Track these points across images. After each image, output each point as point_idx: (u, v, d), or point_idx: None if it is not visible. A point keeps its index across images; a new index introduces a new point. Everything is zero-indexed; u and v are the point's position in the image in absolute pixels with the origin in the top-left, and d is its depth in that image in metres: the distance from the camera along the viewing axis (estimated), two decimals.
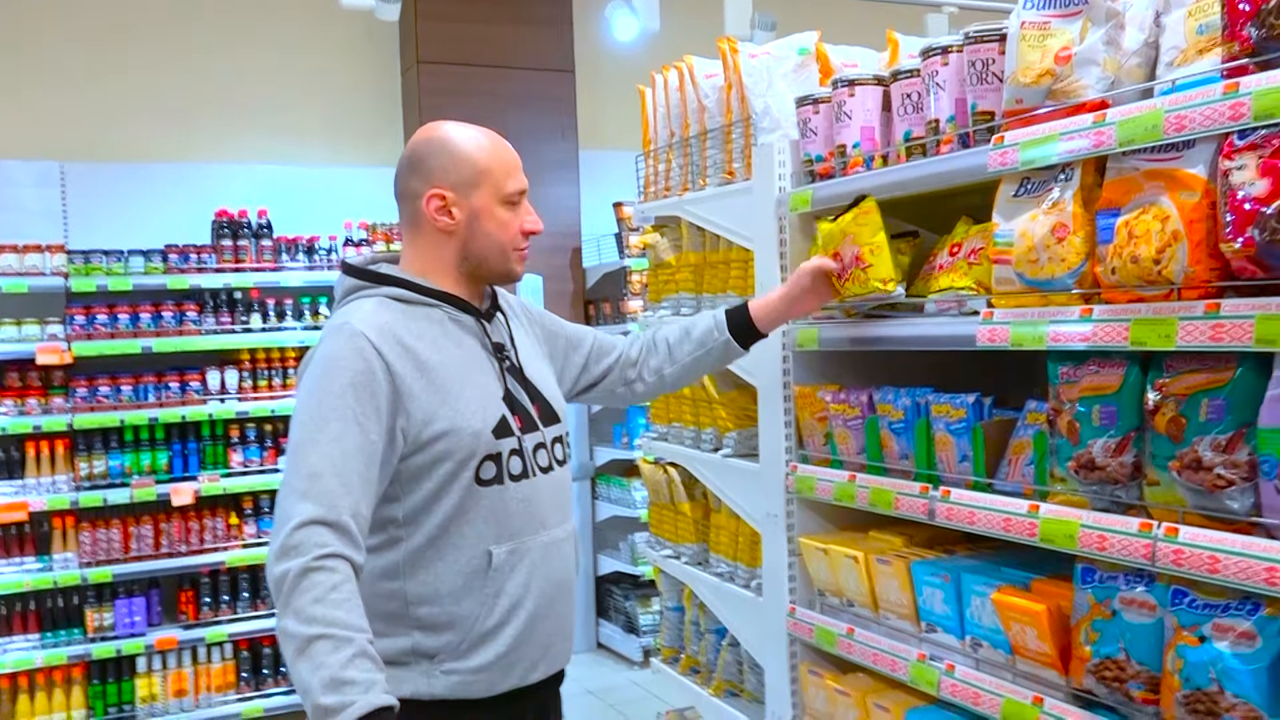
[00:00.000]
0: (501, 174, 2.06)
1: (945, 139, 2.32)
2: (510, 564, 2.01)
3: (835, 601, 2.68)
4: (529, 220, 2.12)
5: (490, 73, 6.30)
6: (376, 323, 1.94)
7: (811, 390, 2.73)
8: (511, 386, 2.07)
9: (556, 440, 2.15)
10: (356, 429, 1.85)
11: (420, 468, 1.95)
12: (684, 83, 3.25)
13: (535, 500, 2.05)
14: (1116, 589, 1.93)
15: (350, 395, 1.86)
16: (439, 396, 1.95)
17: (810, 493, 2.69)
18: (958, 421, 2.31)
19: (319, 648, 1.68)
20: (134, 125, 5.82)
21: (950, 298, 2.30)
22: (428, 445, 1.94)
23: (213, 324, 5.44)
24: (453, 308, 2.06)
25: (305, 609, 1.70)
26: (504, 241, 2.08)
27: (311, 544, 1.74)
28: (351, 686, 1.66)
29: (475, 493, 1.98)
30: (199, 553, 5.36)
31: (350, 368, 1.88)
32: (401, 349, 1.93)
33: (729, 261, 3.11)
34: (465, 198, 2.04)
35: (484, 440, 1.98)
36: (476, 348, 2.06)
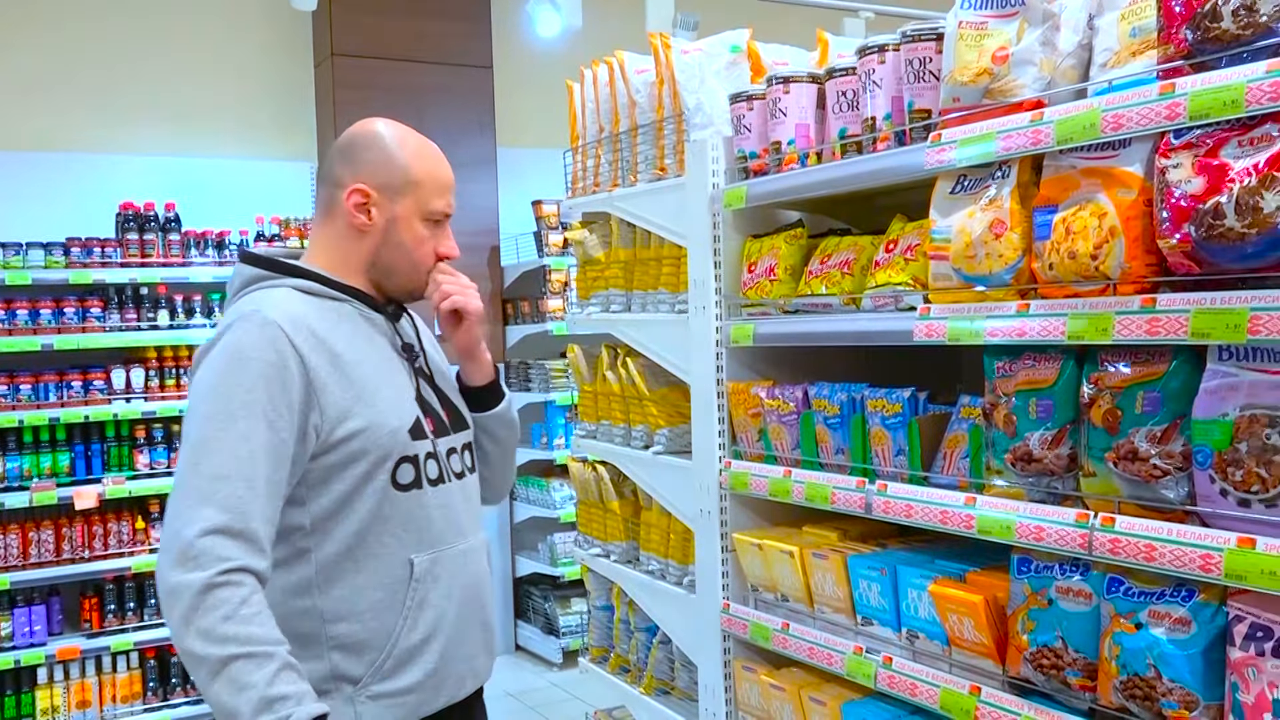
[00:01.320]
0: (431, 190, 1.97)
1: (882, 136, 2.35)
2: (433, 574, 1.90)
3: (770, 597, 2.69)
4: (446, 244, 2.00)
5: (407, 67, 6.20)
6: (289, 312, 1.83)
7: (745, 386, 2.74)
8: (423, 388, 1.99)
9: (466, 447, 2.07)
10: (266, 427, 1.72)
11: (331, 468, 1.82)
12: (614, 78, 3.24)
13: (453, 507, 1.96)
14: (1053, 579, 1.97)
15: (261, 389, 1.73)
16: (354, 391, 1.84)
17: (744, 489, 2.69)
18: (893, 416, 2.33)
19: (238, 668, 1.58)
20: (34, 113, 5.59)
21: (887, 293, 2.32)
22: (341, 444, 1.82)
23: (117, 321, 5.25)
24: (363, 304, 1.96)
25: (215, 629, 1.59)
26: (416, 258, 1.97)
27: (213, 556, 1.62)
28: (283, 702, 1.58)
29: (393, 498, 1.86)
30: (103, 558, 5.16)
31: (261, 359, 1.75)
32: (315, 340, 1.82)
33: (660, 258, 3.10)
34: (388, 202, 1.93)
35: (400, 440, 1.87)
36: (387, 347, 1.96)
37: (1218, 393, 1.70)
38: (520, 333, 6.33)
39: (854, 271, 2.48)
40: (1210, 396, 1.71)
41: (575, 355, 3.55)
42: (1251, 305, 1.61)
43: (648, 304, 3.15)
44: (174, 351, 5.38)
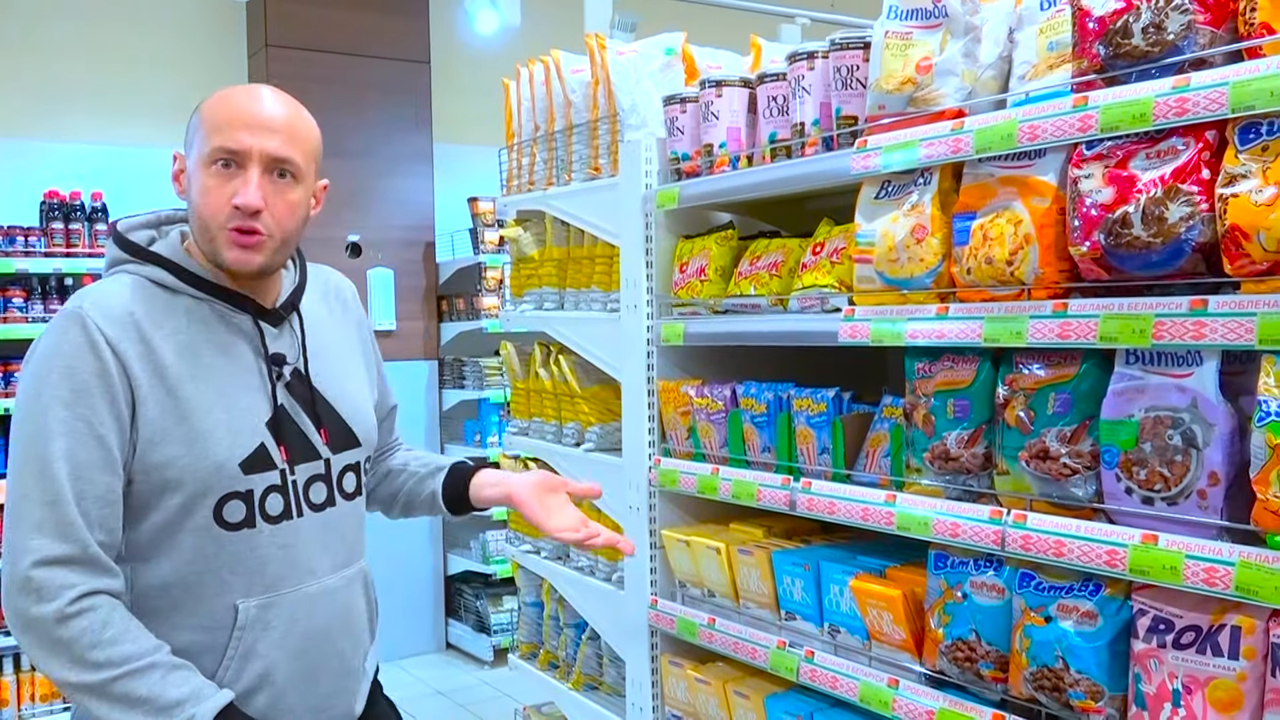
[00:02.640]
0: (211, 126, 1.63)
1: (810, 141, 2.40)
2: (263, 621, 1.67)
3: (697, 593, 2.73)
4: (241, 191, 1.62)
5: (342, 60, 6.14)
6: (117, 310, 1.61)
7: (675, 385, 2.77)
8: (287, 406, 1.73)
9: (348, 469, 1.82)
10: (92, 441, 1.55)
11: (144, 497, 1.61)
12: (550, 77, 3.25)
13: (300, 545, 1.72)
14: (968, 574, 2.03)
15: (82, 401, 1.56)
16: (175, 414, 1.61)
17: (673, 486, 2.73)
18: (818, 415, 2.38)
19: (121, 687, 1.50)
20: None
21: (813, 295, 2.37)
22: (154, 470, 1.60)
23: (40, 311, 5.14)
24: (225, 303, 1.70)
25: (84, 657, 1.50)
26: (205, 215, 1.64)
27: (56, 586, 1.50)
28: (180, 706, 1.52)
29: (217, 537, 1.64)
30: None
31: (81, 368, 1.56)
32: (143, 347, 1.61)
33: (594, 257, 3.12)
34: (187, 159, 1.68)
35: (226, 474, 1.63)
36: (247, 356, 1.71)
37: (1124, 395, 1.77)
38: (454, 330, 6.31)
39: (782, 273, 2.52)
40: (1117, 398, 1.78)
41: (508, 353, 3.56)
42: (1156, 311, 1.68)
43: (581, 302, 3.18)
44: None
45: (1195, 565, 1.63)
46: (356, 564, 1.85)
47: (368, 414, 1.89)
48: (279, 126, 1.66)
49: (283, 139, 1.66)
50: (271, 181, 1.66)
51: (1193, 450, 1.68)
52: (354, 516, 1.85)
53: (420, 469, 2.12)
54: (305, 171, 1.71)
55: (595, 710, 3.11)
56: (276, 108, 1.68)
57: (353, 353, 1.93)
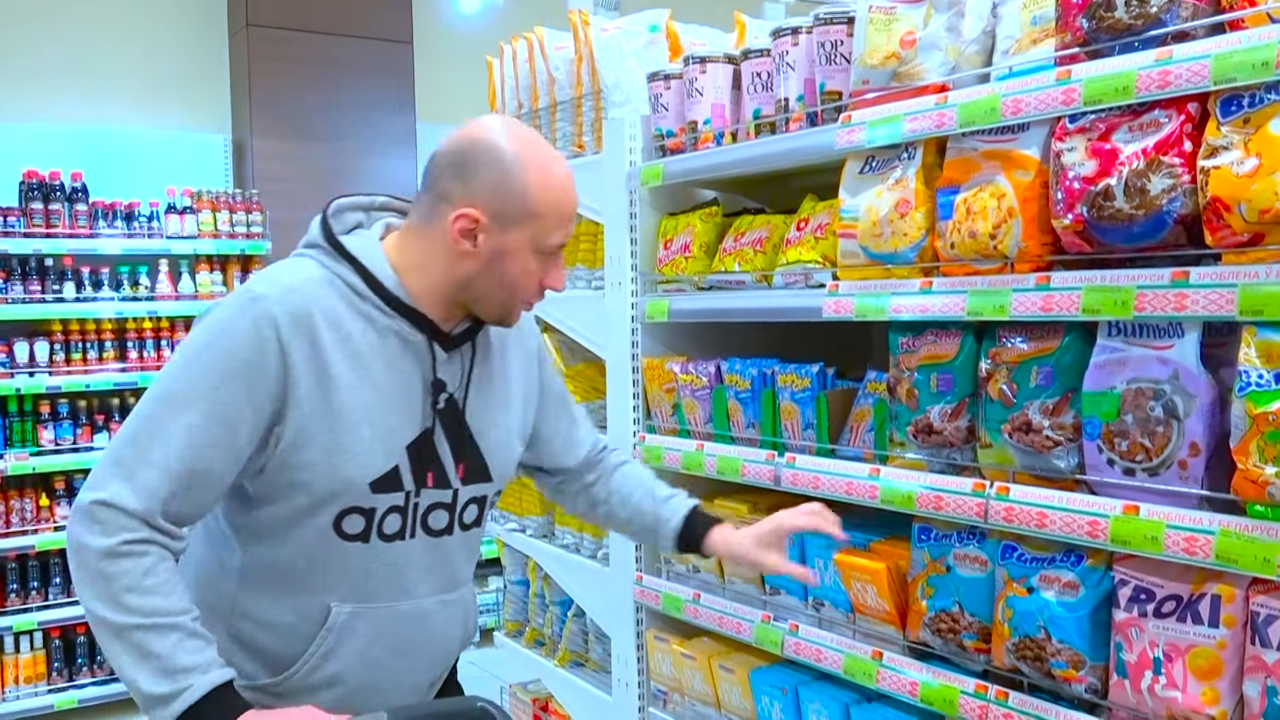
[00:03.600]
0: (553, 223, 1.69)
1: (794, 117, 2.40)
2: (350, 627, 1.72)
3: (681, 568, 2.74)
4: (553, 276, 1.73)
5: (324, 40, 6.10)
6: (297, 309, 1.61)
7: (660, 362, 2.77)
8: (434, 434, 1.73)
9: (472, 502, 1.81)
10: (222, 427, 1.57)
11: (276, 488, 1.66)
12: (534, 54, 3.24)
13: (407, 565, 1.74)
14: (951, 546, 2.05)
15: (232, 386, 1.58)
16: (327, 421, 1.63)
17: (658, 462, 2.73)
18: (802, 391, 2.39)
19: (140, 637, 1.52)
20: None
21: (797, 271, 2.37)
22: (288, 469, 1.63)
23: (20, 292, 5.09)
24: (408, 324, 1.70)
25: (117, 597, 1.52)
26: (519, 290, 1.72)
27: (118, 526, 1.54)
28: (185, 674, 1.52)
29: (330, 542, 1.68)
30: (4, 536, 5.02)
31: (241, 355, 1.58)
32: (313, 349, 1.62)
33: (578, 234, 3.12)
34: (500, 231, 1.66)
35: (355, 490, 1.66)
36: (411, 377, 1.71)
37: (1106, 367, 1.78)
38: None
39: (766, 249, 2.53)
40: (1099, 370, 1.79)
41: None
42: (1138, 284, 1.69)
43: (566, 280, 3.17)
44: (80, 325, 5.24)
45: (1176, 535, 1.64)
46: (458, 590, 1.85)
47: (510, 455, 1.89)
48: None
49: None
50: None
51: (1174, 421, 1.69)
52: (466, 546, 1.85)
53: (647, 503, 2.10)
54: None
55: (581, 687, 3.12)
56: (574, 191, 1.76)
57: (513, 384, 1.90)
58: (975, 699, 1.94)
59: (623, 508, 2.09)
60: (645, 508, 2.08)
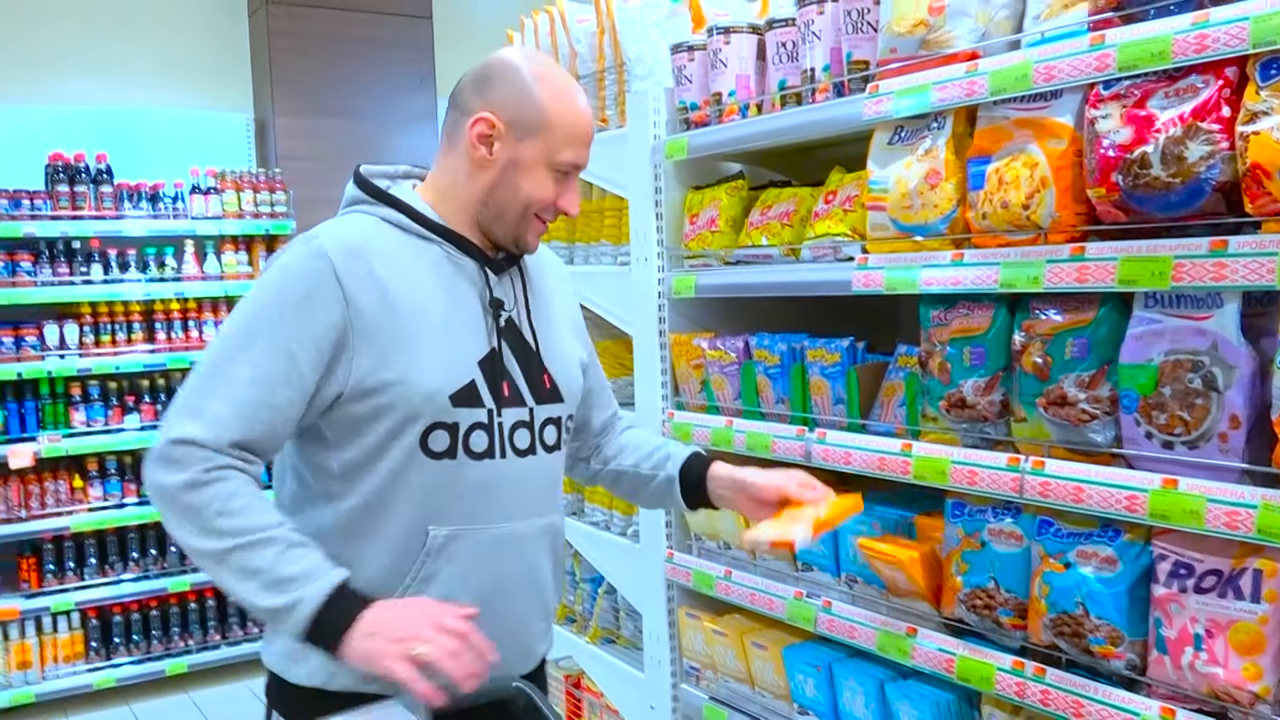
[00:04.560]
0: (564, 138, 1.75)
1: (821, 88, 2.36)
2: (449, 551, 1.72)
3: (712, 545, 2.73)
4: (567, 199, 1.79)
5: (344, 16, 6.08)
6: (350, 243, 1.69)
7: (687, 338, 2.75)
8: (502, 350, 1.78)
9: (550, 422, 1.84)
10: (284, 357, 1.62)
11: (359, 419, 1.68)
12: (555, 27, 3.21)
13: (499, 485, 1.75)
14: (985, 521, 2.02)
15: (291, 318, 1.63)
16: (397, 341, 1.67)
17: (687, 439, 2.71)
18: (832, 366, 2.36)
19: (239, 558, 1.56)
20: None
21: (826, 244, 2.34)
22: (370, 394, 1.67)
23: (49, 275, 5.13)
24: (454, 247, 1.77)
25: (209, 524, 1.57)
26: (531, 203, 1.75)
27: (193, 460, 1.58)
28: (291, 583, 1.55)
29: (421, 463, 1.70)
30: (40, 517, 5.08)
31: (299, 288, 1.65)
32: (369, 279, 1.67)
33: (602, 210, 3.10)
34: (515, 141, 1.74)
35: (436, 404, 1.68)
36: (470, 298, 1.76)
37: (1143, 339, 1.75)
38: None
39: (794, 223, 2.50)
40: (1136, 342, 1.75)
41: None
42: (1175, 253, 1.65)
43: (590, 256, 3.15)
44: (109, 306, 5.27)
45: (1216, 509, 1.61)
46: (548, 516, 1.86)
47: (574, 374, 1.92)
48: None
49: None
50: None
51: (1213, 393, 1.66)
52: (551, 470, 1.87)
53: (653, 454, 2.08)
54: None
55: (613, 664, 3.12)
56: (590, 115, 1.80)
57: (565, 317, 1.97)
58: (1012, 675, 1.93)
59: (628, 456, 2.09)
60: (648, 450, 2.08)
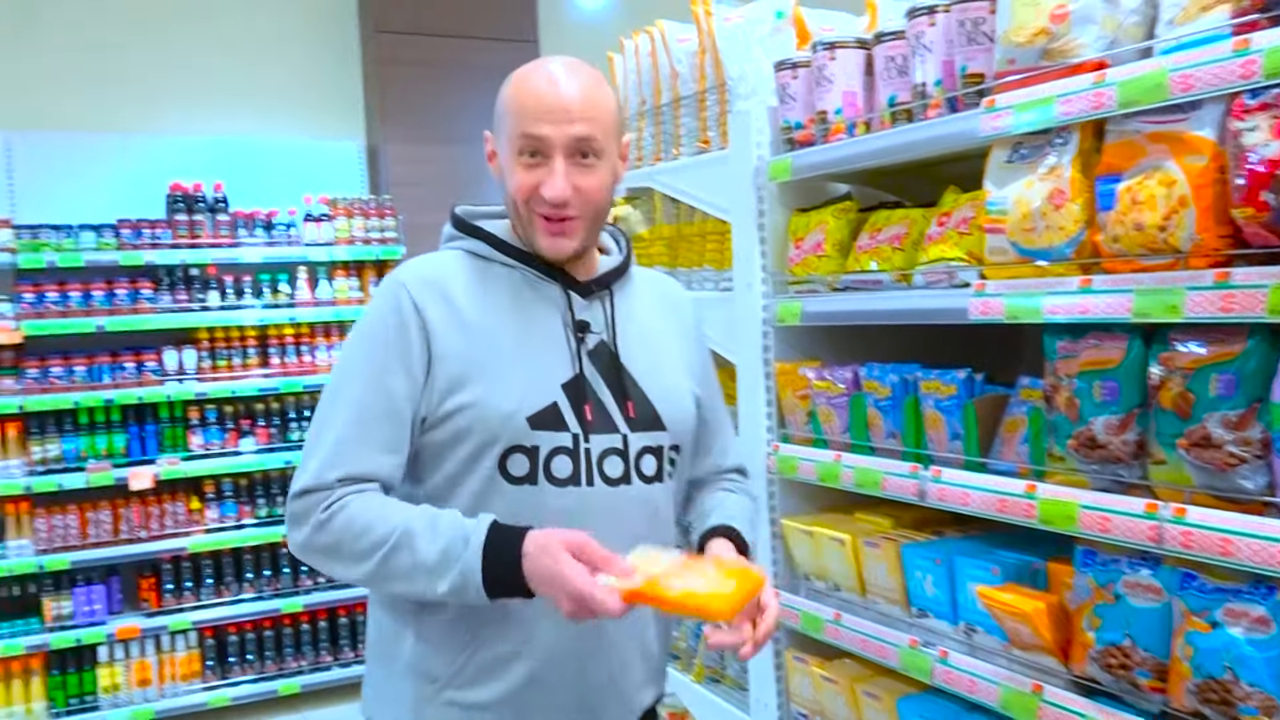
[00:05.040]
0: (517, 113, 1.67)
1: (933, 103, 2.22)
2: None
3: (821, 585, 2.60)
4: (545, 183, 1.65)
5: (451, 43, 6.11)
6: (424, 273, 1.71)
7: (793, 367, 2.63)
8: (587, 373, 1.71)
9: (647, 451, 1.73)
10: (378, 390, 1.64)
11: (441, 445, 1.66)
12: (655, 48, 3.13)
13: (587, 515, 1.65)
14: (1120, 573, 1.85)
15: (379, 351, 1.65)
16: (473, 363, 1.65)
17: (792, 473, 2.59)
18: (948, 398, 2.22)
19: (391, 568, 1.56)
20: (83, 94, 5.59)
21: (940, 269, 2.20)
22: (448, 419, 1.65)
23: (168, 302, 5.25)
24: (535, 271, 1.73)
25: (351, 552, 1.58)
26: (516, 197, 1.69)
27: (308, 508, 1.61)
28: (445, 564, 1.53)
29: (501, 489, 1.65)
30: (159, 538, 5.19)
31: (382, 321, 1.67)
32: (444, 302, 1.67)
33: (705, 234, 3.00)
34: (498, 146, 1.73)
35: (514, 426, 1.63)
36: (552, 320, 1.72)
37: None
38: None
39: (905, 246, 2.36)
40: None
41: None
42: None
43: (693, 281, 3.05)
44: (225, 332, 5.38)
45: None
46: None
47: (681, 403, 1.81)
48: (577, 108, 1.65)
49: (582, 121, 1.65)
50: (576, 165, 1.67)
51: None
52: (652, 503, 1.75)
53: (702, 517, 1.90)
54: (607, 146, 1.70)
55: (719, 705, 3.00)
56: (573, 87, 1.67)
57: (673, 347, 1.86)
58: None
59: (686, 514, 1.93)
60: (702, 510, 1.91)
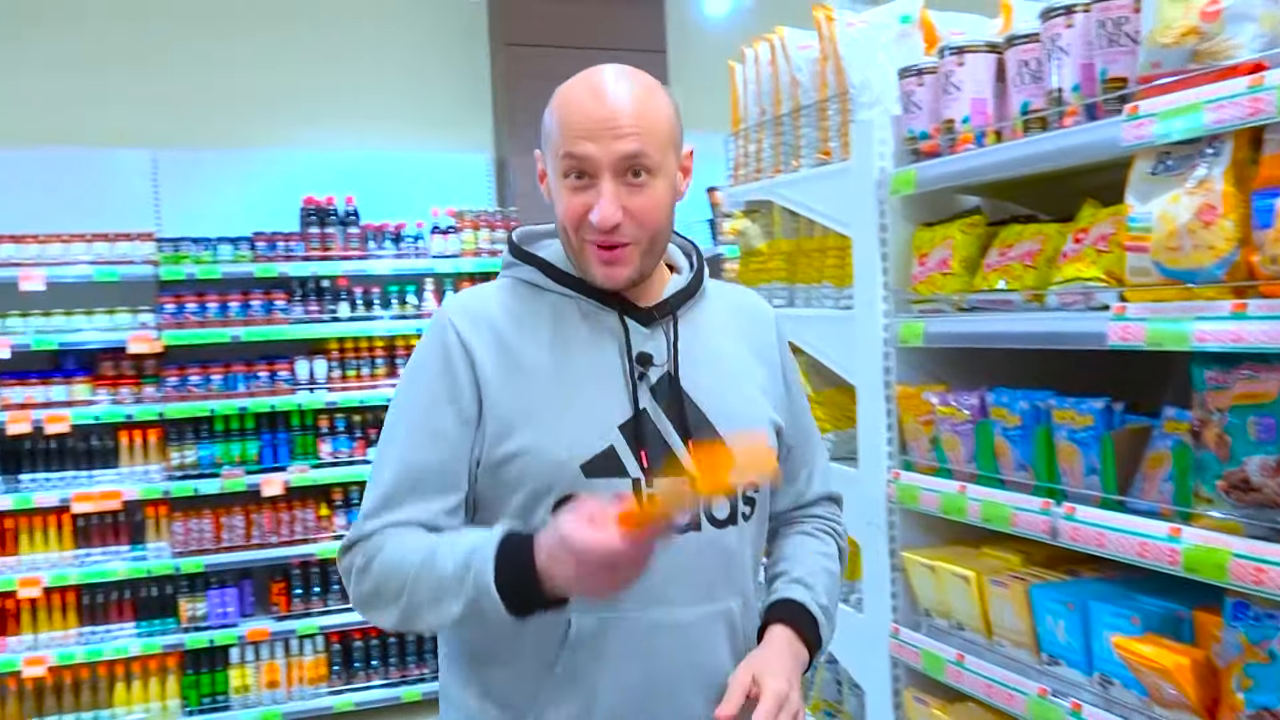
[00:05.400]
0: (562, 133, 1.53)
1: (1069, 110, 2.06)
2: (595, 643, 1.53)
3: (943, 624, 2.45)
4: (598, 204, 1.51)
5: (580, 54, 6.05)
6: (473, 307, 1.61)
7: (916, 391, 2.49)
8: (650, 412, 1.57)
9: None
10: (427, 436, 1.55)
11: (495, 497, 1.56)
12: (776, 56, 3.02)
13: (655, 566, 1.47)
14: (1276, 629, 1.67)
15: (427, 395, 1.56)
16: (524, 406, 1.54)
17: (914, 503, 2.45)
18: (1084, 429, 2.05)
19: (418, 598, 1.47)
20: (224, 112, 5.77)
21: (1076, 290, 2.04)
22: (500, 467, 1.54)
23: (300, 313, 5.38)
24: (592, 300, 1.61)
25: (384, 592, 1.50)
26: (567, 227, 1.57)
27: (354, 556, 1.55)
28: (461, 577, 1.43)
29: None
30: (289, 544, 5.31)
31: (430, 365, 1.58)
32: (494, 339, 1.57)
33: (825, 249, 2.87)
34: (548, 168, 1.60)
35: (568, 475, 1.51)
36: (610, 354, 1.59)
37: None
38: None
39: (1038, 264, 2.20)
40: None
41: None
42: None
43: (811, 299, 2.93)
44: (354, 343, 5.47)
45: None
46: (724, 601, 1.60)
47: (757, 432, 1.64)
48: (625, 122, 1.50)
49: (631, 135, 1.50)
50: (626, 184, 1.52)
51: None
52: (726, 547, 1.60)
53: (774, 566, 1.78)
54: (662, 161, 1.55)
55: None
56: (619, 98, 1.52)
57: (748, 369, 1.70)
58: None
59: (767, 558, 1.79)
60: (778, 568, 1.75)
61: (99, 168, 5.49)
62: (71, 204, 5.32)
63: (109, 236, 5.12)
